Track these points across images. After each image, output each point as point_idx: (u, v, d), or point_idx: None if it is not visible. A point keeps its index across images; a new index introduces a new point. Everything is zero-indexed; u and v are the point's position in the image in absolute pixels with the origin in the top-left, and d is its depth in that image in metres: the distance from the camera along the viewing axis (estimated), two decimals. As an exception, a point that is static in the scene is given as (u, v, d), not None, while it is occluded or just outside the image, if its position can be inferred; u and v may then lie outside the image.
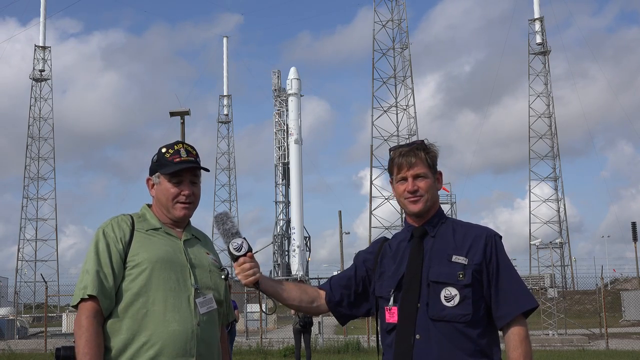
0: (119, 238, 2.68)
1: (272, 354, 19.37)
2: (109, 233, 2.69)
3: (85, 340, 2.53)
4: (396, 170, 2.73)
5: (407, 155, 2.71)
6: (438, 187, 2.77)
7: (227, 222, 2.70)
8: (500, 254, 2.65)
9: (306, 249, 66.88)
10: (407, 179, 2.70)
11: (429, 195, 2.71)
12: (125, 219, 2.77)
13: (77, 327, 2.58)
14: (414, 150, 2.72)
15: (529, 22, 65.58)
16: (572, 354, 18.62)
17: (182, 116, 19.52)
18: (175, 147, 2.80)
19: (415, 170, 2.69)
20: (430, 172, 2.72)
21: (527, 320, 2.65)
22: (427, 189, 2.70)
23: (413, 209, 2.71)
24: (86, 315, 2.57)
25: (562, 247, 59.87)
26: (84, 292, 2.59)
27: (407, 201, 2.72)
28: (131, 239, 2.70)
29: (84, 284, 2.61)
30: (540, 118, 63.64)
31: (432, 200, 2.72)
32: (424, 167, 2.70)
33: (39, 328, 38.00)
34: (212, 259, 2.84)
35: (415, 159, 2.69)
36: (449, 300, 2.56)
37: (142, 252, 2.67)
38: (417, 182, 2.69)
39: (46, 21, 70.09)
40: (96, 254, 2.64)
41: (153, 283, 2.62)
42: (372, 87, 60.20)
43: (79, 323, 2.58)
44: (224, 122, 78.72)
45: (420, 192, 2.69)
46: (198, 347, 2.61)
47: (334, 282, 2.90)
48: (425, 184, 2.70)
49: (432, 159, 2.74)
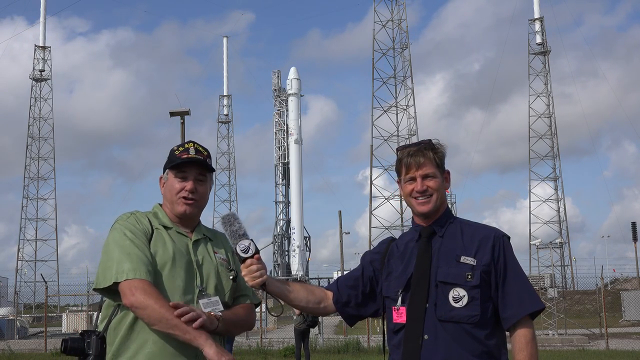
0: (144, 232, 2.70)
1: (272, 354, 19.37)
2: (135, 225, 2.70)
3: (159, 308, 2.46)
4: (404, 170, 2.73)
5: (416, 155, 2.70)
6: (446, 186, 2.76)
7: (234, 224, 2.68)
8: (508, 255, 2.64)
9: (306, 249, 66.90)
10: (415, 178, 2.70)
11: (438, 194, 2.71)
12: (142, 215, 2.79)
13: (142, 307, 2.49)
14: (422, 149, 2.71)
15: (529, 22, 65.62)
16: (572, 354, 18.62)
17: (182, 116, 19.52)
18: (186, 146, 2.84)
19: (424, 170, 2.69)
20: (439, 171, 2.72)
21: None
22: (436, 188, 2.70)
23: (422, 210, 2.71)
24: (143, 292, 2.50)
25: (562, 247, 59.87)
26: (135, 273, 2.52)
27: (415, 201, 2.71)
28: (151, 237, 2.71)
29: (131, 266, 2.54)
30: (541, 118, 63.65)
31: (440, 200, 2.72)
32: (433, 166, 2.70)
33: (39, 328, 38.02)
34: (220, 259, 2.83)
35: (424, 159, 2.69)
36: (457, 301, 2.55)
37: (159, 250, 2.68)
38: (426, 182, 2.69)
39: (46, 21, 70.14)
40: (131, 241, 2.62)
41: (162, 280, 2.62)
42: (372, 87, 60.25)
43: (143, 302, 2.48)
44: (224, 122, 78.73)
45: (429, 192, 2.69)
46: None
47: (341, 283, 2.90)
48: (435, 183, 2.70)
49: (440, 158, 2.73)
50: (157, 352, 2.56)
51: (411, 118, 59.30)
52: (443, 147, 2.76)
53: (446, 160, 2.76)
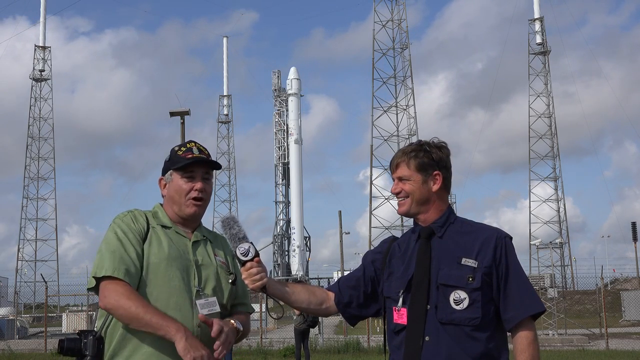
0: (139, 231, 2.71)
1: (272, 354, 19.36)
2: (130, 224, 2.71)
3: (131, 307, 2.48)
4: (391, 171, 2.79)
5: (397, 157, 2.74)
6: (434, 188, 2.70)
7: (234, 227, 2.67)
8: (510, 257, 2.63)
9: (306, 249, 66.92)
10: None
11: (413, 197, 2.69)
12: (141, 213, 2.79)
13: (114, 308, 2.52)
14: (406, 152, 2.73)
15: (529, 22, 65.63)
16: (572, 354, 18.62)
17: (182, 116, 19.52)
18: (188, 146, 2.83)
19: (398, 173, 2.72)
20: (419, 174, 2.69)
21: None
22: (410, 191, 2.69)
23: (399, 211, 2.77)
24: (116, 293, 2.53)
25: (562, 247, 59.88)
26: (113, 271, 2.54)
27: (397, 202, 2.76)
28: (147, 235, 2.72)
29: (110, 264, 2.56)
30: (541, 118, 63.66)
31: (421, 202, 2.70)
32: (408, 169, 2.69)
33: (39, 328, 38.02)
34: (219, 261, 2.82)
35: (400, 162, 2.71)
36: (458, 304, 2.55)
37: (154, 249, 2.68)
38: (400, 184, 2.71)
39: (46, 21, 70.12)
40: (119, 240, 2.64)
41: (158, 280, 2.62)
42: (372, 87, 60.27)
43: (115, 304, 2.51)
44: (224, 122, 78.76)
45: (403, 194, 2.71)
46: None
47: (342, 284, 2.89)
48: (409, 186, 2.69)
49: (426, 161, 2.68)
50: (154, 351, 2.55)
51: (411, 118, 59.36)
52: (437, 148, 2.72)
53: (451, 159, 2.76)
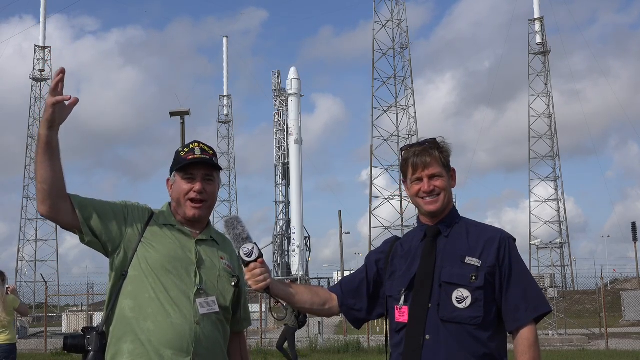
0: (139, 217, 2.78)
1: (272, 354, 19.35)
2: (132, 204, 2.83)
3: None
4: (411, 170, 2.71)
5: (422, 155, 2.69)
6: (452, 184, 2.76)
7: (237, 227, 2.67)
8: (513, 257, 2.64)
9: (306, 249, 66.82)
10: (422, 179, 2.69)
11: (445, 193, 2.70)
12: (146, 208, 2.85)
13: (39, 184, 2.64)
14: (427, 149, 2.70)
15: (529, 22, 65.58)
16: (572, 354, 18.62)
17: (182, 116, 19.54)
18: (191, 146, 2.84)
19: (431, 170, 2.68)
20: (445, 170, 2.71)
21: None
22: (443, 187, 2.69)
23: (430, 209, 2.70)
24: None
25: (562, 247, 59.85)
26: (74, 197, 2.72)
27: (423, 201, 2.71)
28: (145, 228, 2.75)
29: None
30: (540, 118, 63.65)
31: (447, 199, 2.72)
32: (439, 166, 2.69)
33: (39, 328, 37.93)
34: (225, 264, 2.83)
35: (430, 159, 2.68)
36: (460, 302, 2.55)
37: (155, 246, 2.71)
38: (432, 181, 2.68)
39: (46, 21, 70.09)
40: (108, 201, 2.78)
41: (157, 277, 2.65)
42: (372, 87, 60.27)
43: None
44: (224, 122, 78.72)
45: (436, 191, 2.69)
46: (196, 347, 2.60)
47: (345, 285, 2.89)
48: (441, 182, 2.69)
49: (446, 157, 2.72)
50: (153, 343, 2.57)
51: (411, 118, 59.34)
52: (448, 145, 2.75)
53: (454, 159, 2.77)
